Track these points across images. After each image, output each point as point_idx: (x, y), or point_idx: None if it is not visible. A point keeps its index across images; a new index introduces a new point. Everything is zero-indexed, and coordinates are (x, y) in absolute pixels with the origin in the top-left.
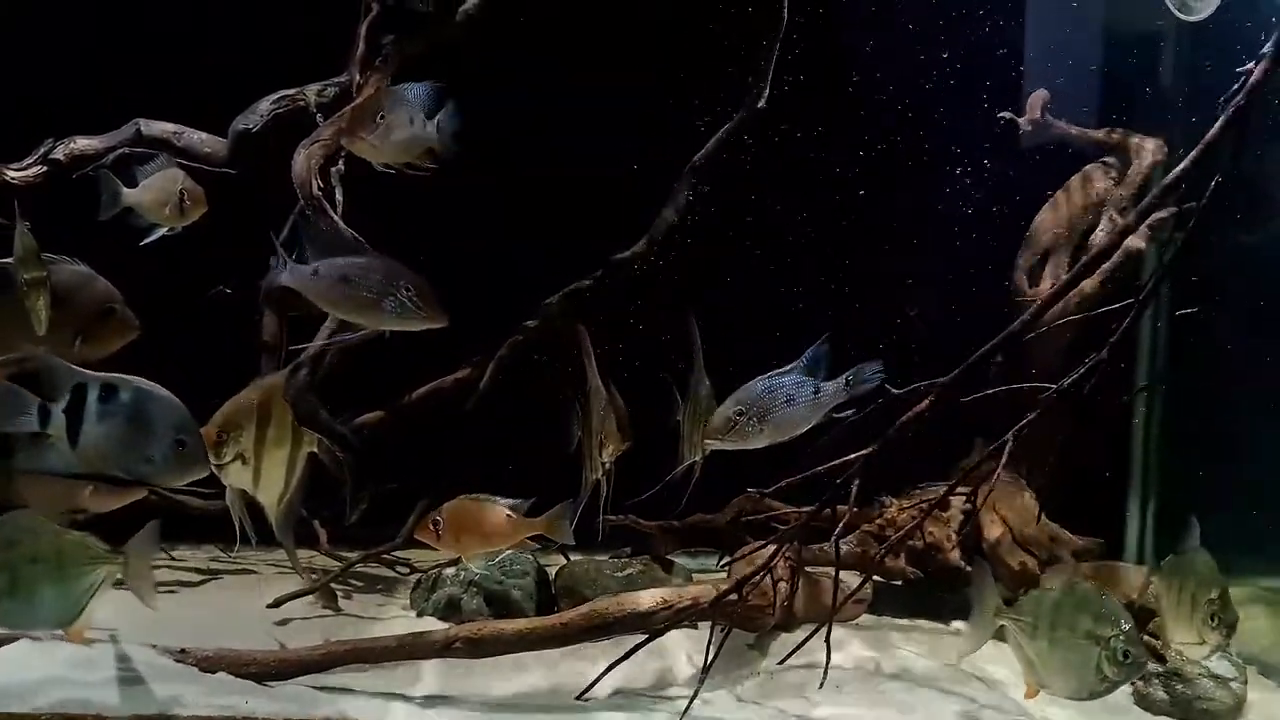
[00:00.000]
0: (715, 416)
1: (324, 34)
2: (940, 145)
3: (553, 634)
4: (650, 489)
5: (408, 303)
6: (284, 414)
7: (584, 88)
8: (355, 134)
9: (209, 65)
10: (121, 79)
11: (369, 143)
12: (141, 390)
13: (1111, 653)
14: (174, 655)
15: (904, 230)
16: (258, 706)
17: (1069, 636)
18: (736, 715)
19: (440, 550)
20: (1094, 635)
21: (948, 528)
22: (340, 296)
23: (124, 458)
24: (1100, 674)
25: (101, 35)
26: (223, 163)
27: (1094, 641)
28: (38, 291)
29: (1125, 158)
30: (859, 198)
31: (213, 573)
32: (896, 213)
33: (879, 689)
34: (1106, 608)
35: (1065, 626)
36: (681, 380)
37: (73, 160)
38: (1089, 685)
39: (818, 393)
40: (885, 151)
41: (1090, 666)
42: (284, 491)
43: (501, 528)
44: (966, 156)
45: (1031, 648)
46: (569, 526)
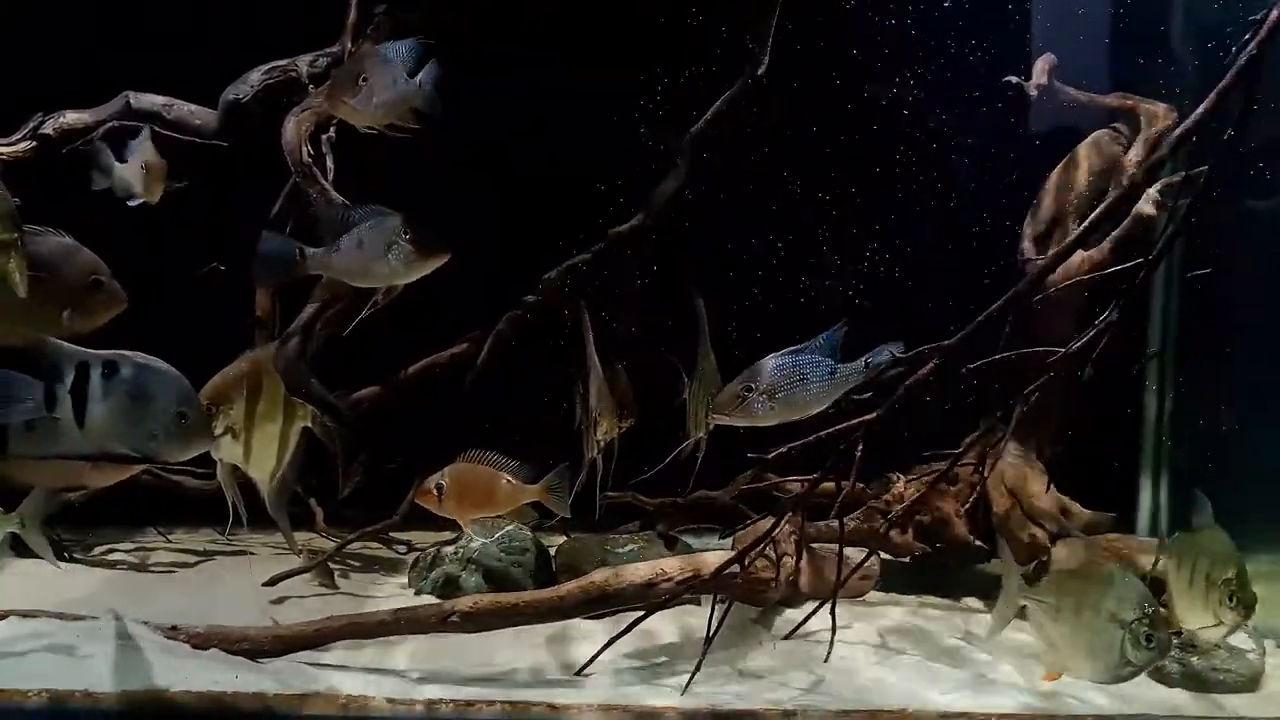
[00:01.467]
0: (723, 392)
1: (315, 3)
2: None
3: (550, 607)
4: (656, 466)
5: (408, 248)
6: (275, 387)
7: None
8: (337, 98)
9: (199, 37)
10: (110, 52)
11: (351, 106)
12: (142, 365)
13: (1135, 636)
14: (165, 632)
15: (914, 209)
16: (248, 682)
17: (1092, 619)
18: (740, 689)
19: (440, 513)
20: (1117, 618)
21: (956, 502)
22: (361, 266)
23: (129, 434)
24: (1123, 658)
25: (90, 8)
26: (213, 134)
27: (1117, 624)
28: (6, 254)
29: (1135, 123)
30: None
31: (209, 554)
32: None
33: (888, 663)
34: (1130, 589)
35: (1088, 609)
36: (687, 357)
37: (62, 135)
38: (1112, 669)
39: (833, 373)
40: (889, 127)
41: (1114, 650)
42: (276, 467)
43: (499, 494)
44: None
45: (1053, 630)
46: (564, 495)
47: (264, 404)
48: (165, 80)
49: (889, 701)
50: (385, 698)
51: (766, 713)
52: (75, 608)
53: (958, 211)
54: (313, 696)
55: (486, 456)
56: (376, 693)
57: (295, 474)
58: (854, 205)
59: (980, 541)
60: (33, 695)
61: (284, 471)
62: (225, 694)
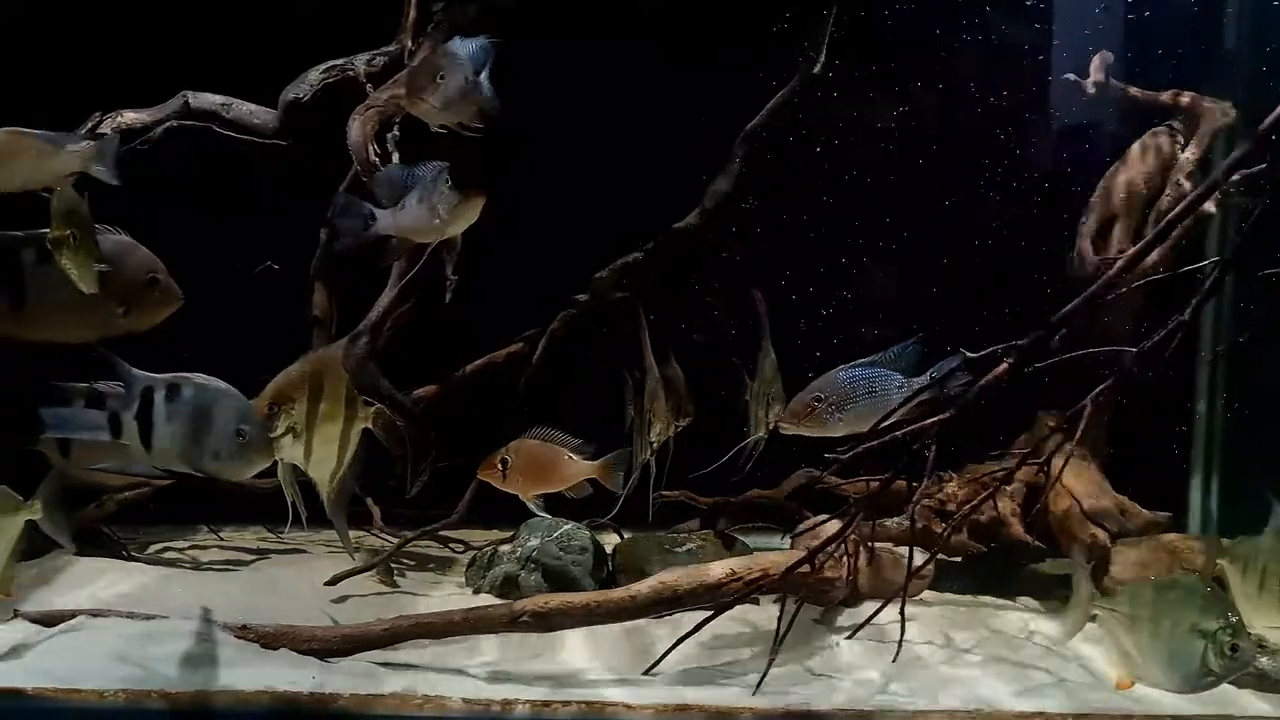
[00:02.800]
0: (793, 402)
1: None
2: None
3: (622, 607)
4: (712, 465)
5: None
6: (337, 388)
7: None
8: (416, 96)
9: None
10: (167, 51)
11: (429, 104)
12: (202, 385)
13: (1218, 646)
14: (235, 631)
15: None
16: (325, 682)
17: (1172, 629)
18: (809, 689)
19: (503, 489)
20: (1198, 628)
21: (1011, 501)
22: (426, 220)
23: (193, 454)
24: (1205, 668)
25: (146, 6)
26: (272, 134)
27: (1198, 635)
28: (63, 252)
29: (1191, 121)
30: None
31: (262, 552)
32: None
33: (954, 663)
34: (1212, 599)
35: (1167, 619)
36: (748, 357)
37: (121, 134)
38: (1192, 679)
39: (901, 388)
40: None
41: (1194, 660)
42: (337, 468)
43: (561, 470)
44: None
45: (1128, 639)
46: (621, 475)
47: (326, 404)
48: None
49: (961, 701)
50: (462, 698)
51: (842, 713)
52: (141, 606)
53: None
54: (388, 697)
55: (549, 434)
56: (449, 692)
57: (355, 476)
58: (916, 210)
59: (1038, 541)
60: (109, 695)
61: (344, 473)
62: (301, 694)
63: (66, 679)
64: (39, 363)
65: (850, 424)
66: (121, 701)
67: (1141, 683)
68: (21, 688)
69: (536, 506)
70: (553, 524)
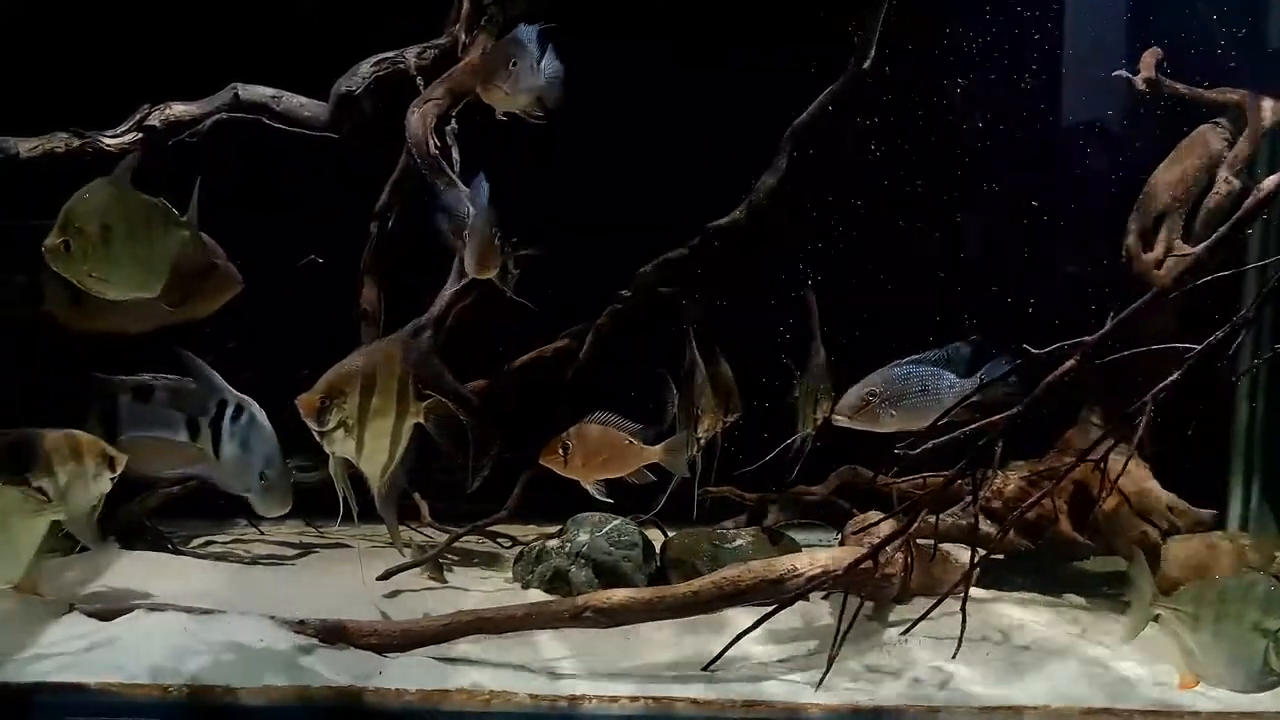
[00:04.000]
0: (848, 394)
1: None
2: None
3: (685, 602)
4: (759, 461)
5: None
6: (389, 382)
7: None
8: (490, 82)
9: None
10: (216, 44)
11: (503, 90)
12: (253, 416)
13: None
14: (292, 627)
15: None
16: (391, 678)
17: (1234, 628)
18: (870, 686)
19: (564, 473)
20: (1260, 626)
21: (1059, 498)
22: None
23: (236, 478)
24: (1268, 666)
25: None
26: (324, 126)
27: (1260, 633)
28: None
29: (1240, 118)
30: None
31: (307, 547)
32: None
33: (1012, 660)
34: (1275, 597)
35: (1230, 618)
36: (799, 355)
37: (169, 126)
38: (1255, 679)
39: (953, 387)
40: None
41: (1256, 659)
42: (389, 463)
43: (623, 454)
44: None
45: (1192, 639)
46: (684, 459)
47: (379, 399)
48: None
49: (1025, 697)
50: (529, 693)
51: (911, 709)
52: (194, 600)
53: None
54: (455, 692)
55: (609, 418)
56: (516, 687)
57: (405, 471)
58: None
59: (1086, 539)
60: (173, 690)
61: (395, 468)
62: (367, 689)
63: (130, 674)
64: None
65: (902, 421)
66: (184, 697)
67: (1205, 682)
68: (84, 682)
69: (597, 492)
70: (601, 519)
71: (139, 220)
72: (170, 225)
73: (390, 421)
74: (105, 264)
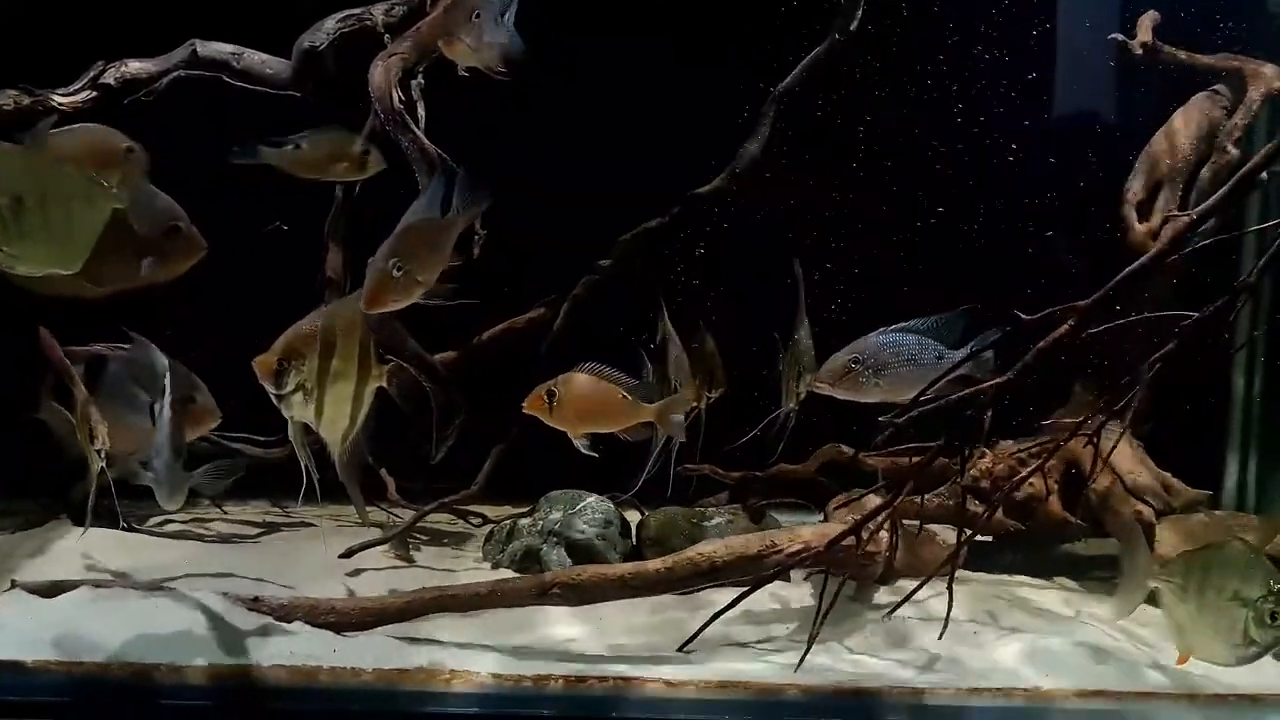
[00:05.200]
0: (830, 361)
1: None
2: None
3: (657, 579)
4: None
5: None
6: (350, 344)
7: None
8: (452, 35)
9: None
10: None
11: (465, 44)
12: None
13: (1259, 615)
14: (247, 604)
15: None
16: (346, 657)
17: (1216, 598)
18: (852, 667)
19: (550, 423)
20: (1240, 596)
21: (1049, 478)
22: None
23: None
24: (1247, 638)
25: None
26: (286, 84)
27: (1240, 603)
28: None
29: (1240, 84)
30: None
31: (271, 525)
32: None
33: (1001, 641)
34: (1255, 567)
35: (1212, 588)
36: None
37: (124, 84)
38: (1236, 650)
39: (941, 358)
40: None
41: (1236, 630)
42: (350, 427)
43: (615, 408)
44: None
45: (1181, 611)
46: (681, 421)
47: (339, 362)
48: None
49: (1010, 680)
50: (491, 673)
51: (894, 691)
52: (145, 578)
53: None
54: (414, 671)
55: (602, 369)
56: (478, 667)
57: (368, 438)
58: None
59: (1077, 519)
60: (115, 668)
61: (357, 433)
62: (321, 668)
63: (70, 651)
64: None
65: (886, 391)
66: (128, 675)
67: (1195, 656)
68: (21, 660)
69: (583, 446)
70: (575, 496)
71: (56, 190)
72: (94, 197)
73: (351, 385)
74: (15, 238)
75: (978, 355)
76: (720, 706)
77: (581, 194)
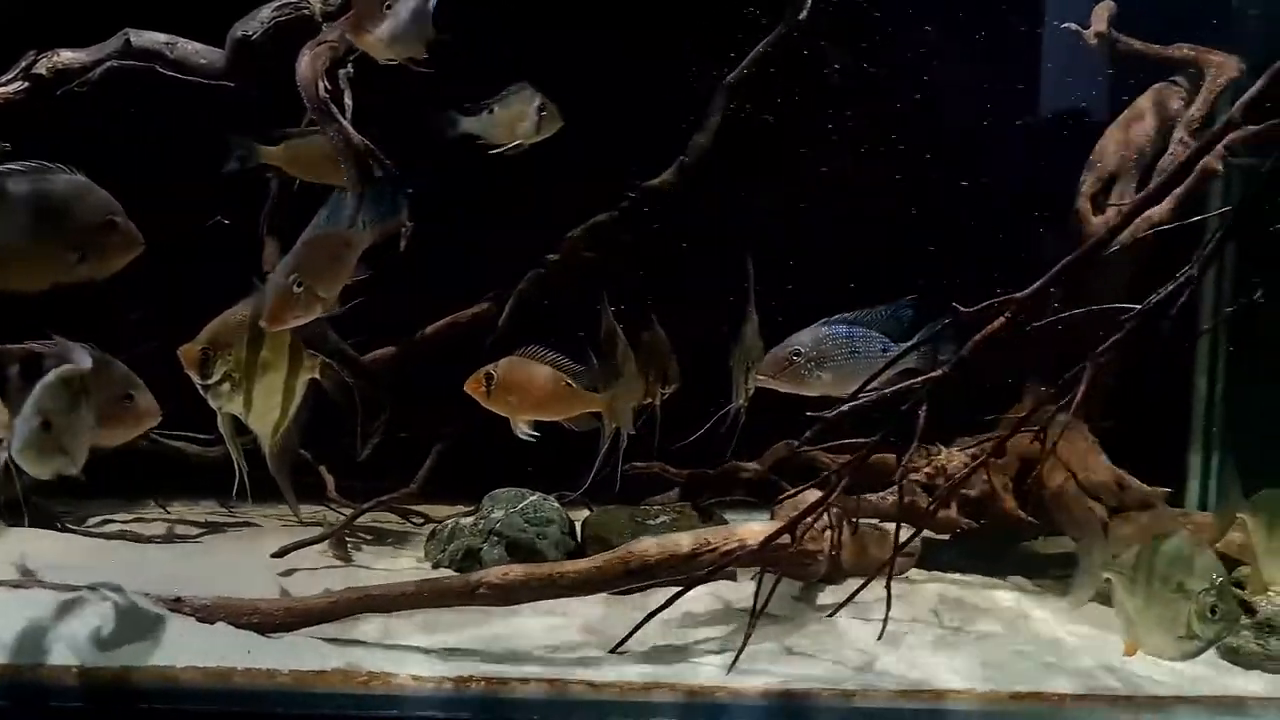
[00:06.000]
0: (771, 353)
1: None
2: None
3: (587, 578)
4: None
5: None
6: (280, 335)
7: None
8: (361, 28)
9: None
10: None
11: (376, 37)
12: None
13: (1201, 609)
14: (169, 604)
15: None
16: (261, 658)
17: (1161, 590)
18: (788, 668)
19: (488, 406)
20: (1184, 589)
21: (1003, 475)
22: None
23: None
24: (1190, 631)
25: None
26: (220, 74)
27: (1184, 596)
28: None
29: (1198, 76)
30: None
31: (212, 526)
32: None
33: (944, 643)
34: (1199, 560)
35: (1159, 580)
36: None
37: (57, 75)
38: (1180, 643)
39: (885, 350)
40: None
41: (1180, 623)
42: (280, 419)
43: (556, 395)
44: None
45: (1130, 603)
46: (629, 414)
47: (267, 352)
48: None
49: (948, 681)
50: (410, 675)
51: (823, 693)
52: (68, 578)
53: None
54: (330, 673)
55: (544, 353)
56: (400, 669)
57: (300, 431)
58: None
59: (1031, 517)
60: (25, 670)
61: (288, 426)
62: (235, 670)
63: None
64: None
65: (829, 384)
66: (38, 677)
67: (1142, 650)
68: None
69: (523, 433)
70: (518, 495)
71: None
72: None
73: (281, 376)
74: None
75: (920, 348)
76: (645, 709)
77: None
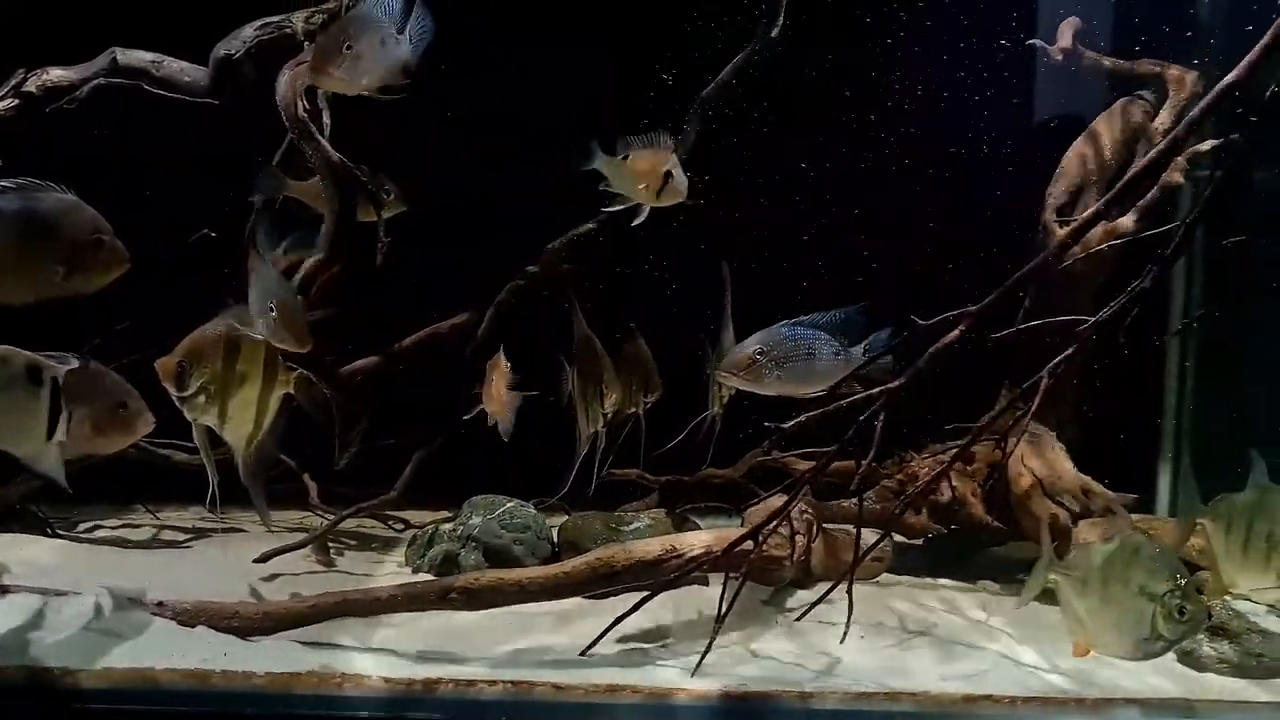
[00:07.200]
0: (734, 351)
1: None
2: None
3: (556, 584)
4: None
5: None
6: (255, 349)
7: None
8: (321, 70)
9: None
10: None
11: (338, 78)
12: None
13: (1167, 610)
14: (151, 608)
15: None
16: (238, 661)
17: (1121, 592)
18: (753, 671)
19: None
20: (1148, 591)
21: (973, 481)
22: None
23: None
24: (1155, 632)
25: None
26: (204, 93)
27: (1148, 598)
28: None
29: (1162, 90)
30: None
31: (199, 531)
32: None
33: (905, 645)
34: (1162, 562)
35: (1117, 581)
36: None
37: (46, 92)
38: (1143, 645)
39: (838, 354)
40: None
41: (1144, 625)
42: (254, 432)
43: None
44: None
45: (1081, 605)
46: (511, 418)
47: (243, 365)
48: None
49: (908, 684)
50: (381, 676)
51: (782, 695)
52: (55, 582)
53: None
54: (305, 675)
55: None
56: (372, 671)
57: (276, 443)
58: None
59: (999, 522)
60: (11, 671)
61: (262, 439)
62: (213, 672)
63: None
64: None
65: (785, 384)
66: (21, 679)
67: (1095, 650)
68: None
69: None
70: (495, 501)
71: None
72: None
73: (256, 390)
74: None
75: (877, 358)
76: (609, 711)
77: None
